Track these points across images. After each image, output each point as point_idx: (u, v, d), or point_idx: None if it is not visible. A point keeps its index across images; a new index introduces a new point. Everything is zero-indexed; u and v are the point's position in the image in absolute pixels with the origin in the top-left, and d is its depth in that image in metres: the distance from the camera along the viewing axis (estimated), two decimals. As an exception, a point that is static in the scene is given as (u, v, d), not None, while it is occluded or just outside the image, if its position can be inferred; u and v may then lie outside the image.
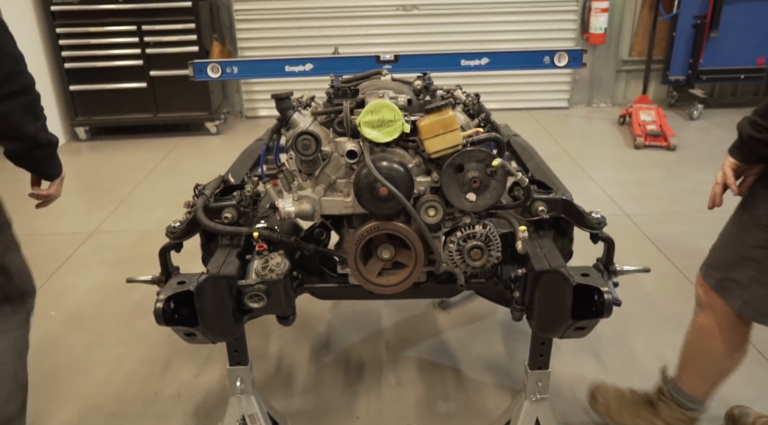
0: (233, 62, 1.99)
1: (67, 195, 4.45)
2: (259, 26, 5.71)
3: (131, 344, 2.49)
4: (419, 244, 1.60)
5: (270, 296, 1.59)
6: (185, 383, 2.24)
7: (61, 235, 3.50)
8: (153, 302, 1.49)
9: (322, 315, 2.64)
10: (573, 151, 4.77)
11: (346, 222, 1.73)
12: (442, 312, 2.66)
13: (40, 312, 2.70)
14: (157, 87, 5.21)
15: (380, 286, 1.67)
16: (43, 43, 5.04)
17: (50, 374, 2.32)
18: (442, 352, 2.40)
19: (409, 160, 1.58)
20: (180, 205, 1.86)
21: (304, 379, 2.25)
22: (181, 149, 5.12)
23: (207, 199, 1.78)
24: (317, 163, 1.60)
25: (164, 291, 1.50)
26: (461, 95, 1.85)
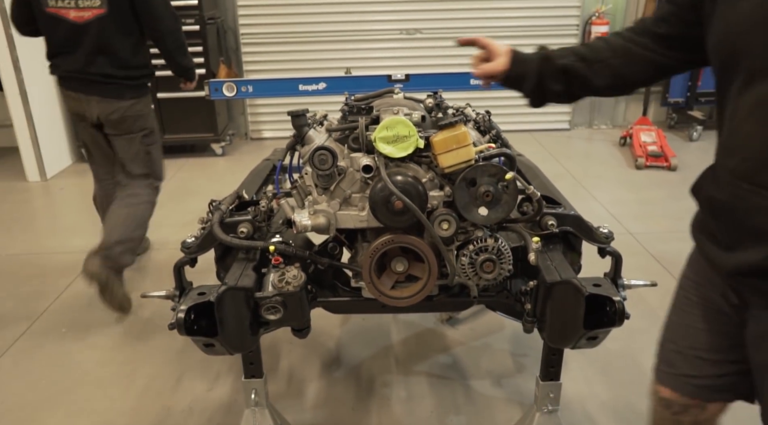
0: (248, 81, 2.05)
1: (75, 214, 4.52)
2: (265, 49, 5.81)
3: (142, 360, 2.50)
4: (432, 257, 1.63)
5: (287, 308, 1.62)
6: (197, 398, 2.26)
7: (70, 254, 3.53)
8: (164, 319, 1.52)
9: (332, 331, 2.67)
10: (575, 171, 4.83)
11: (360, 236, 1.77)
12: (450, 328, 2.69)
13: (51, 329, 2.74)
14: (163, 108, 5.29)
15: (394, 299, 1.70)
16: (53, 66, 5.12)
17: (63, 390, 2.33)
18: (451, 367, 2.42)
19: (422, 175, 1.62)
20: (187, 225, 1.90)
21: (316, 394, 2.27)
22: (187, 170, 5.17)
23: (223, 214, 1.82)
24: (333, 177, 1.64)
25: (185, 301, 1.54)
26: (471, 112, 1.90)
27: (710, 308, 1.18)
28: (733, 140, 1.05)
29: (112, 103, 2.77)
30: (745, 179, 1.01)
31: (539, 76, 1.37)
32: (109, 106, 2.77)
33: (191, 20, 5.05)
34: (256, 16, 5.71)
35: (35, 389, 2.35)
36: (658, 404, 1.30)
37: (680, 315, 1.25)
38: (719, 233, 1.10)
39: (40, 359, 2.54)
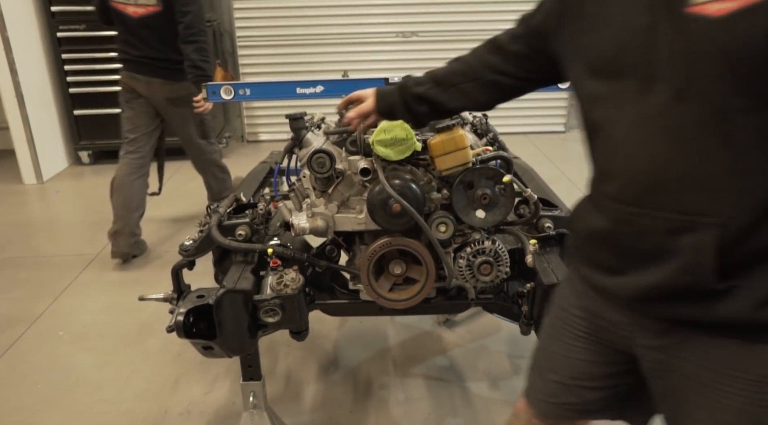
0: (246, 84, 2.05)
1: (71, 217, 4.51)
2: (261, 52, 5.82)
3: (140, 363, 2.50)
4: (430, 260, 1.64)
5: (285, 310, 1.63)
6: (195, 401, 2.26)
7: (67, 257, 3.53)
8: (161, 321, 1.52)
9: (329, 333, 2.67)
10: (571, 174, 4.84)
11: (357, 239, 1.78)
12: (448, 330, 2.70)
13: (48, 332, 2.74)
14: (160, 111, 5.28)
15: (392, 301, 1.71)
16: (49, 69, 5.12)
17: (60, 393, 2.33)
18: (448, 369, 2.43)
19: (420, 178, 1.63)
20: (184, 227, 1.91)
21: (313, 396, 2.28)
22: (184, 173, 5.16)
23: (221, 216, 1.83)
24: (331, 180, 1.65)
25: (184, 304, 1.54)
26: (468, 116, 1.91)
27: (597, 341, 1.15)
28: (612, 164, 1.01)
29: (172, 85, 3.29)
30: (632, 203, 0.97)
31: (405, 105, 1.44)
32: (170, 86, 3.29)
33: (188, 23, 5.05)
34: (253, 18, 5.72)
35: (32, 392, 2.34)
36: (532, 416, 1.28)
37: (562, 346, 1.21)
38: (607, 261, 1.06)
39: (38, 362, 2.54)
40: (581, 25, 1.05)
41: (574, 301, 1.20)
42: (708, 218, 0.90)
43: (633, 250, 1.00)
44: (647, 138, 0.93)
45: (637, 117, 0.94)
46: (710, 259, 0.90)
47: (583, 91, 1.06)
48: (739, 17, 0.81)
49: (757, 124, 0.85)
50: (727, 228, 0.89)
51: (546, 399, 1.25)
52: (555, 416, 1.25)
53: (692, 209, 0.91)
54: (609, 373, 1.17)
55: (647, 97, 0.92)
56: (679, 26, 0.87)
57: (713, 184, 0.89)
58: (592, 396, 1.19)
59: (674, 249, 0.93)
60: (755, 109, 0.84)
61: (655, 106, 0.92)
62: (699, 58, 0.85)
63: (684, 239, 0.92)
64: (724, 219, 0.89)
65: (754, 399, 0.95)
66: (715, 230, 0.89)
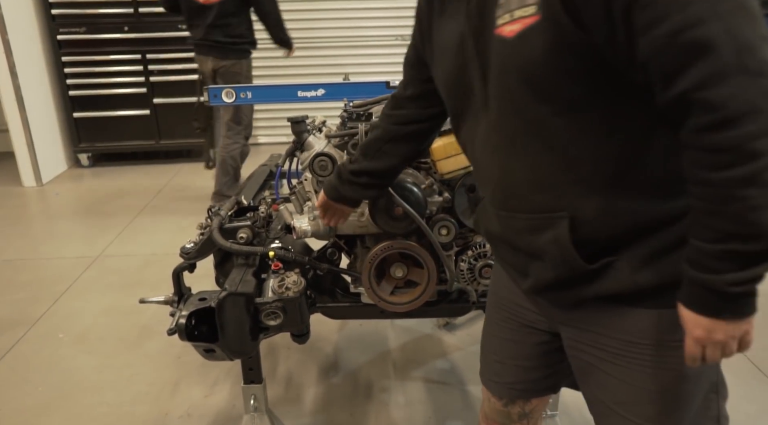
0: (247, 88, 2.06)
1: (71, 220, 4.52)
2: (260, 55, 5.79)
3: (140, 365, 2.50)
4: (432, 263, 1.65)
5: (286, 314, 1.63)
6: (195, 403, 2.26)
7: (66, 259, 3.52)
8: (162, 324, 1.52)
9: (329, 336, 2.67)
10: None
11: (359, 242, 1.78)
12: (448, 333, 2.70)
13: (48, 335, 2.74)
14: (160, 114, 5.30)
15: (393, 305, 1.71)
16: (49, 71, 5.13)
17: (60, 396, 2.33)
18: (449, 372, 2.43)
19: (422, 181, 1.64)
20: (184, 230, 1.91)
21: (314, 399, 2.28)
22: (184, 175, 5.17)
23: (222, 219, 1.83)
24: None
25: (186, 307, 1.54)
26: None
27: (521, 324, 1.22)
28: (479, 172, 1.12)
29: (218, 61, 3.88)
30: (501, 208, 1.07)
31: (346, 183, 1.44)
32: (217, 63, 3.89)
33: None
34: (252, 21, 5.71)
35: (33, 395, 2.34)
36: (491, 396, 1.35)
37: (498, 329, 1.29)
38: (505, 260, 1.16)
39: (38, 364, 2.54)
40: (432, 52, 1.14)
41: (500, 286, 1.28)
42: (558, 213, 0.98)
43: (518, 249, 1.08)
44: (494, 150, 1.03)
45: (483, 132, 1.04)
46: (571, 248, 0.98)
47: (449, 113, 1.16)
48: (524, 36, 0.90)
49: (566, 125, 0.93)
50: (577, 218, 0.97)
51: (493, 379, 1.33)
52: (505, 395, 1.32)
53: (543, 207, 1.00)
54: (542, 352, 1.23)
55: (486, 113, 1.02)
56: (491, 47, 0.96)
57: (552, 182, 0.98)
58: (532, 376, 1.27)
59: (540, 246, 1.01)
60: (559, 113, 0.93)
61: (491, 122, 1.01)
62: (505, 75, 0.95)
63: (544, 236, 1.00)
64: (572, 211, 0.97)
65: (656, 362, 1.01)
66: (567, 222, 0.97)
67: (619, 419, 1.07)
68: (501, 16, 0.93)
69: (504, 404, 1.33)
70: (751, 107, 0.77)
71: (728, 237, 0.82)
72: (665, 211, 0.95)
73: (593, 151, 0.94)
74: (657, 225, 0.96)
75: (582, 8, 0.84)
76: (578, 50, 0.87)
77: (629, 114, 0.92)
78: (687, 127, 0.82)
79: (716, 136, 0.79)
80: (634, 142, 0.93)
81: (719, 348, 0.91)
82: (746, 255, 0.82)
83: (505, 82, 0.95)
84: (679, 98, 0.81)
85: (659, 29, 0.79)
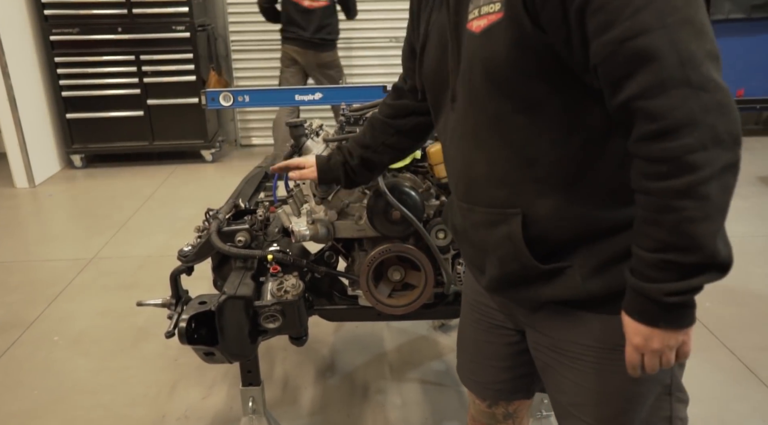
0: (245, 91, 2.07)
1: (64, 221, 4.50)
2: (255, 56, 5.83)
3: (136, 368, 2.50)
4: (429, 266, 1.67)
5: (285, 316, 1.64)
6: (192, 405, 2.26)
7: (61, 261, 3.52)
8: (158, 326, 1.53)
9: (326, 338, 2.68)
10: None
11: (357, 245, 1.80)
12: (443, 334, 2.71)
13: (43, 337, 2.74)
14: (153, 115, 5.29)
15: (391, 307, 1.73)
16: (41, 72, 5.11)
17: (56, 399, 2.33)
18: (444, 373, 2.44)
19: (419, 185, 1.65)
20: (179, 232, 1.91)
21: (311, 401, 2.29)
22: (177, 176, 5.17)
23: (220, 222, 1.84)
24: (331, 187, 1.67)
25: (187, 310, 1.55)
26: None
27: (492, 324, 1.24)
28: (448, 163, 1.14)
29: (320, 55, 4.72)
30: (462, 200, 1.09)
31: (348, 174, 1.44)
32: (320, 57, 4.73)
33: (181, 27, 5.07)
34: (247, 23, 5.72)
35: (28, 398, 2.34)
36: (475, 397, 1.37)
37: (471, 330, 1.30)
38: (468, 255, 1.17)
39: (33, 367, 2.53)
40: (419, 44, 1.15)
41: (470, 288, 1.29)
42: (512, 209, 1.00)
43: (475, 244, 1.10)
44: (459, 143, 1.06)
45: (452, 124, 1.07)
46: (523, 245, 0.99)
47: (430, 106, 1.17)
48: (488, 32, 0.92)
49: (525, 123, 0.95)
50: (530, 216, 0.98)
51: (471, 378, 1.34)
52: (487, 396, 1.33)
53: (499, 202, 1.01)
54: (513, 352, 1.24)
55: (455, 106, 1.04)
56: (461, 41, 0.99)
57: (509, 179, 0.99)
58: (506, 375, 1.28)
59: (495, 241, 1.03)
60: (519, 111, 0.94)
61: (458, 115, 1.04)
62: (471, 69, 0.97)
63: (499, 230, 1.02)
64: (525, 209, 0.99)
65: (607, 366, 1.03)
66: (520, 219, 0.99)
67: (575, 420, 1.10)
68: (471, 11, 0.95)
69: (488, 405, 1.35)
70: (690, 120, 0.78)
71: (666, 247, 0.83)
72: (617, 218, 0.96)
73: (550, 152, 0.95)
74: (608, 232, 0.97)
75: (540, 9, 0.86)
76: (538, 50, 0.89)
77: (587, 118, 0.93)
78: (632, 135, 0.84)
79: (655, 146, 0.81)
80: (590, 146, 0.94)
81: (657, 356, 0.92)
82: (683, 266, 0.84)
83: (470, 76, 0.97)
84: (624, 105, 0.83)
85: (608, 35, 0.81)
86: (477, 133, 1.01)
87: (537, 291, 1.03)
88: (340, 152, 1.44)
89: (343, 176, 1.44)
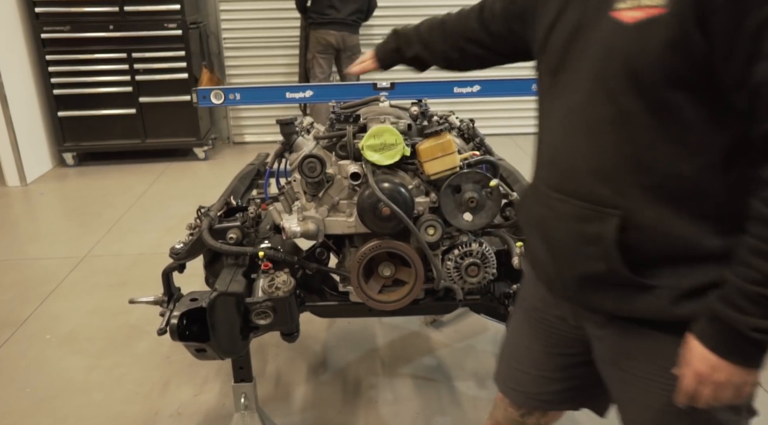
0: (236, 89, 2.07)
1: (56, 220, 4.50)
2: (247, 54, 5.82)
3: (129, 365, 2.51)
4: (419, 262, 1.68)
5: (277, 313, 1.65)
6: (185, 402, 2.27)
7: (53, 260, 3.51)
8: (150, 324, 1.54)
9: (318, 334, 2.69)
10: (555, 175, 4.91)
11: (347, 242, 1.81)
12: (435, 330, 2.73)
13: (35, 336, 2.74)
14: (146, 113, 5.27)
15: (382, 303, 1.74)
16: (33, 70, 5.09)
17: (48, 397, 2.33)
18: (436, 369, 2.46)
19: (409, 182, 1.66)
20: (171, 229, 1.92)
21: (303, 397, 2.30)
22: (170, 174, 5.16)
23: (212, 220, 1.85)
24: (322, 184, 1.68)
25: (178, 307, 1.56)
26: (455, 120, 1.95)
27: (549, 331, 1.21)
28: (542, 148, 1.11)
29: (352, 36, 5.13)
30: (555, 189, 1.04)
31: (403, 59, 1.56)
32: (351, 38, 5.13)
33: (173, 25, 5.05)
34: (239, 20, 5.71)
35: (21, 396, 2.34)
36: (508, 405, 1.34)
37: (521, 337, 1.27)
38: (535, 254, 1.13)
39: (25, 366, 2.53)
40: (538, 17, 1.11)
41: (531, 294, 1.25)
42: (612, 209, 0.96)
43: (553, 238, 1.06)
44: (569, 130, 1.01)
45: (564, 110, 1.02)
46: (614, 249, 0.95)
47: (537, 81, 1.14)
48: (644, 26, 0.87)
49: (655, 125, 0.91)
50: (631, 221, 0.94)
51: (514, 387, 1.31)
52: (524, 404, 1.31)
53: (598, 199, 0.97)
54: (568, 364, 1.21)
55: (573, 92, 0.99)
56: (601, 28, 0.94)
57: (617, 178, 0.95)
58: (554, 387, 1.25)
59: (582, 236, 0.99)
60: (652, 112, 0.90)
61: (576, 102, 0.99)
62: (609, 59, 0.92)
63: (590, 227, 0.98)
64: (627, 212, 0.94)
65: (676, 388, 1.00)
66: (618, 221, 0.95)
67: None
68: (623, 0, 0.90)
69: (521, 414, 1.32)
70: None
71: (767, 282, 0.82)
72: (715, 247, 0.93)
73: (670, 162, 0.91)
74: (703, 259, 0.94)
75: (712, 14, 0.81)
76: (693, 57, 0.85)
77: (717, 137, 0.89)
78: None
79: None
80: (712, 167, 0.91)
81: (715, 389, 0.90)
82: None
83: (606, 66, 0.93)
84: None
85: None
86: (595, 125, 0.96)
87: (618, 302, 1.00)
88: (396, 39, 1.54)
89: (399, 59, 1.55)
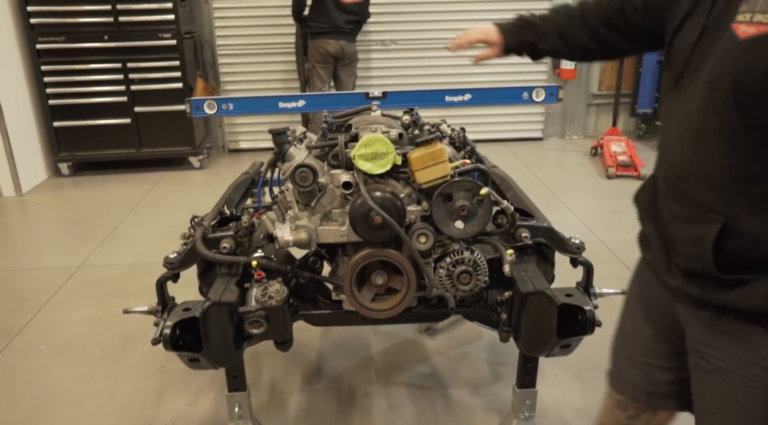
0: (228, 99, 2.08)
1: (52, 230, 4.49)
2: (242, 61, 5.84)
3: (123, 376, 2.50)
4: (411, 270, 1.69)
5: (270, 322, 1.66)
6: (180, 412, 2.27)
7: (47, 270, 3.51)
8: (145, 334, 1.54)
9: (313, 343, 2.70)
10: (548, 181, 4.93)
11: (340, 251, 1.82)
12: (429, 338, 2.74)
13: (29, 347, 2.73)
14: (141, 122, 5.28)
15: (374, 311, 1.75)
16: (28, 81, 5.09)
17: (42, 407, 2.33)
18: (430, 377, 2.47)
19: (400, 191, 1.68)
20: (166, 239, 1.93)
21: (298, 406, 2.30)
22: (165, 183, 5.17)
23: (205, 229, 1.85)
24: (314, 194, 1.69)
25: (171, 317, 1.56)
26: (447, 129, 1.97)
27: (656, 312, 1.23)
28: (663, 148, 1.14)
29: (351, 45, 5.18)
30: (670, 188, 1.09)
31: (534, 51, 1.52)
32: (350, 45, 5.17)
33: (168, 35, 5.06)
34: (233, 28, 5.74)
35: (14, 407, 2.34)
36: (615, 406, 1.36)
37: (628, 321, 1.31)
38: (649, 238, 1.18)
39: (19, 377, 2.53)
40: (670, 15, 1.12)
41: (640, 277, 1.29)
42: (715, 215, 0.99)
43: (667, 233, 1.11)
44: (683, 135, 1.04)
45: (680, 114, 1.05)
46: (710, 252, 0.99)
47: (661, 78, 1.17)
48: (754, 43, 0.88)
49: (761, 138, 0.93)
50: (732, 228, 0.97)
51: (618, 376, 1.33)
52: (631, 397, 1.31)
53: (704, 204, 1.01)
54: (672, 351, 1.22)
55: (690, 98, 1.02)
56: (720, 38, 0.95)
57: (721, 186, 0.99)
58: (661, 378, 1.25)
59: (687, 236, 1.04)
60: (756, 127, 0.92)
61: (692, 108, 1.02)
62: (721, 71, 0.94)
63: (695, 229, 1.02)
64: (729, 219, 0.97)
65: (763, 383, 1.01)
66: (719, 227, 0.98)
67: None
68: (742, 13, 0.91)
69: (628, 416, 1.33)
70: None
71: None
72: None
73: None
74: None
75: None
76: None
77: None
78: None
79: None
80: None
81: None
82: None
83: (718, 77, 0.94)
84: None
85: None
86: (702, 133, 0.99)
87: (710, 293, 1.03)
88: (530, 31, 1.49)
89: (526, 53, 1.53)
